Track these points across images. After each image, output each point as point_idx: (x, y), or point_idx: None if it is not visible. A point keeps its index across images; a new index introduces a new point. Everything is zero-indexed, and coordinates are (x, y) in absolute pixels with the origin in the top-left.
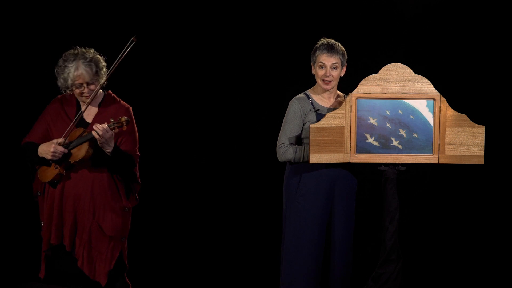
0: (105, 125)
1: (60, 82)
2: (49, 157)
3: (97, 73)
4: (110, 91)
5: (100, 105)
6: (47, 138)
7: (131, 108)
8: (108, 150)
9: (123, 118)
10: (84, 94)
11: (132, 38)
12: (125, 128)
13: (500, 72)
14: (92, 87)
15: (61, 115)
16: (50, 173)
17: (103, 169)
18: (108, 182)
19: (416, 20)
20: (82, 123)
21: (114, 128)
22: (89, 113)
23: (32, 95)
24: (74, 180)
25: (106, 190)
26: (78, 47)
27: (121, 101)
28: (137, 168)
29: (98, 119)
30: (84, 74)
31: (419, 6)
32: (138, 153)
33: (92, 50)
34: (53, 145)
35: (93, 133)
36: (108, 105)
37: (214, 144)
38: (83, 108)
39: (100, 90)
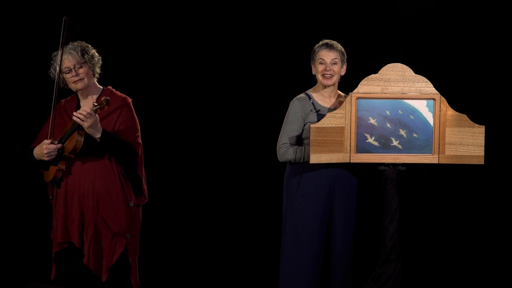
0: (87, 109)
1: (51, 72)
2: (46, 158)
3: (83, 57)
4: (110, 87)
5: (97, 100)
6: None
7: (129, 99)
8: (97, 135)
9: (103, 98)
10: (74, 79)
11: (64, 18)
12: (106, 108)
13: (500, 72)
14: (81, 70)
15: (63, 117)
16: (51, 171)
17: (106, 165)
18: (111, 177)
19: (416, 20)
20: None
21: (96, 111)
22: (87, 107)
23: (46, 100)
24: (77, 176)
25: (109, 185)
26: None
27: (118, 93)
28: (142, 158)
29: None
30: (69, 57)
31: (419, 6)
32: (139, 141)
33: (78, 41)
34: (44, 146)
35: (75, 119)
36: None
37: (214, 144)
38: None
39: (100, 86)
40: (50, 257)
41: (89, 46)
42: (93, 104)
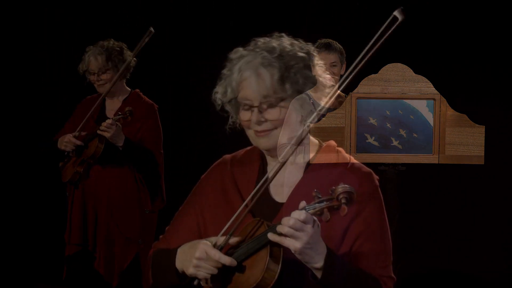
0: (109, 120)
1: (80, 66)
2: (62, 147)
3: (108, 62)
4: (137, 90)
5: (123, 102)
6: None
7: (156, 106)
8: (119, 143)
9: (127, 108)
10: (96, 83)
11: (150, 29)
12: (129, 119)
13: (500, 72)
14: (103, 76)
15: (87, 114)
16: (69, 172)
17: (124, 169)
18: (128, 182)
19: (416, 20)
20: (104, 118)
21: (118, 120)
22: (112, 108)
23: (67, 93)
24: (95, 180)
25: (125, 190)
26: (106, 40)
27: (146, 99)
28: (162, 167)
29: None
30: (93, 61)
31: (418, 6)
32: (161, 151)
33: (113, 41)
34: (67, 137)
35: (99, 132)
36: (131, 102)
37: (215, 144)
38: (106, 105)
39: (127, 88)
40: (58, 258)
41: (124, 47)
42: (118, 113)
